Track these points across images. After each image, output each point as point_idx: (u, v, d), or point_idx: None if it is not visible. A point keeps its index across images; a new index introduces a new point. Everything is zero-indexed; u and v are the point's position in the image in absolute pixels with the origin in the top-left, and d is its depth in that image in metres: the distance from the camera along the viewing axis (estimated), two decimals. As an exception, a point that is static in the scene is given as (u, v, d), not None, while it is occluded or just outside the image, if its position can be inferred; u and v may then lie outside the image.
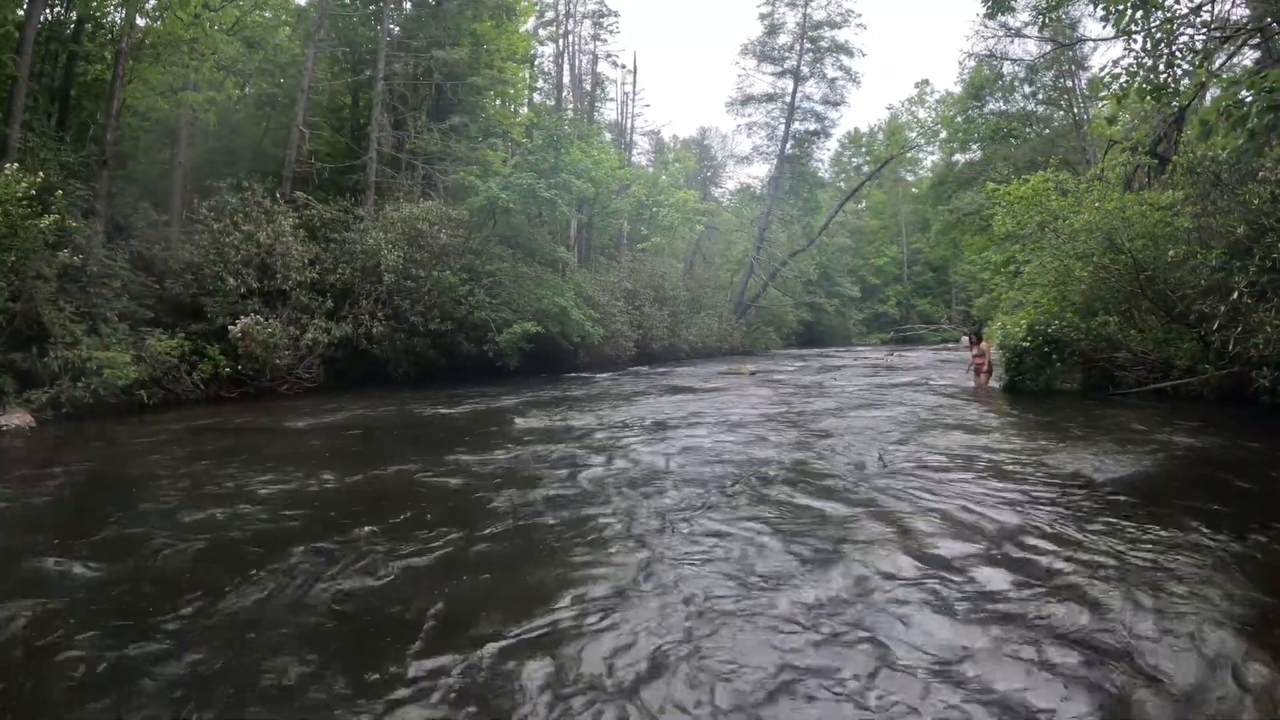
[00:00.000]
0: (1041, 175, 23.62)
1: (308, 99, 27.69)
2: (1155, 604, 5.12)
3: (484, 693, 4.13)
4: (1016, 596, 5.32)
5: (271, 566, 6.03)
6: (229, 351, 20.34)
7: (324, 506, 8.11)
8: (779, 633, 4.80)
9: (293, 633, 4.88)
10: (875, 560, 6.10)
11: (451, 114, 33.49)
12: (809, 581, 5.67)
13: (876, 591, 5.46)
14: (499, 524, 7.34)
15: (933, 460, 11.00)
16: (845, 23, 58.11)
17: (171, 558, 6.38)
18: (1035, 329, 19.73)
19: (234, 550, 6.57)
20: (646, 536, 6.96)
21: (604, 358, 35.33)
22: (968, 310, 49.51)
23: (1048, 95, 51.21)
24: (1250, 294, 13.93)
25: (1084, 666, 4.26)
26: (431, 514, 7.75)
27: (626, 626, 4.91)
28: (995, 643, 4.56)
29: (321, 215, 25.82)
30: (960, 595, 5.32)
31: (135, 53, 22.90)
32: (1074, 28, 40.45)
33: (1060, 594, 5.43)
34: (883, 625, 4.86)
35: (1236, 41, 16.13)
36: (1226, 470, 9.79)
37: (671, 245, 54.41)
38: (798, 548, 6.65)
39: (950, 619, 4.97)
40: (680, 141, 76.22)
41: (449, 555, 6.36)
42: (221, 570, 5.98)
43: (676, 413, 17.12)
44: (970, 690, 4.05)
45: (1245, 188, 15.36)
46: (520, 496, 8.61)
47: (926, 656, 4.41)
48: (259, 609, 5.24)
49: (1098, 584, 5.61)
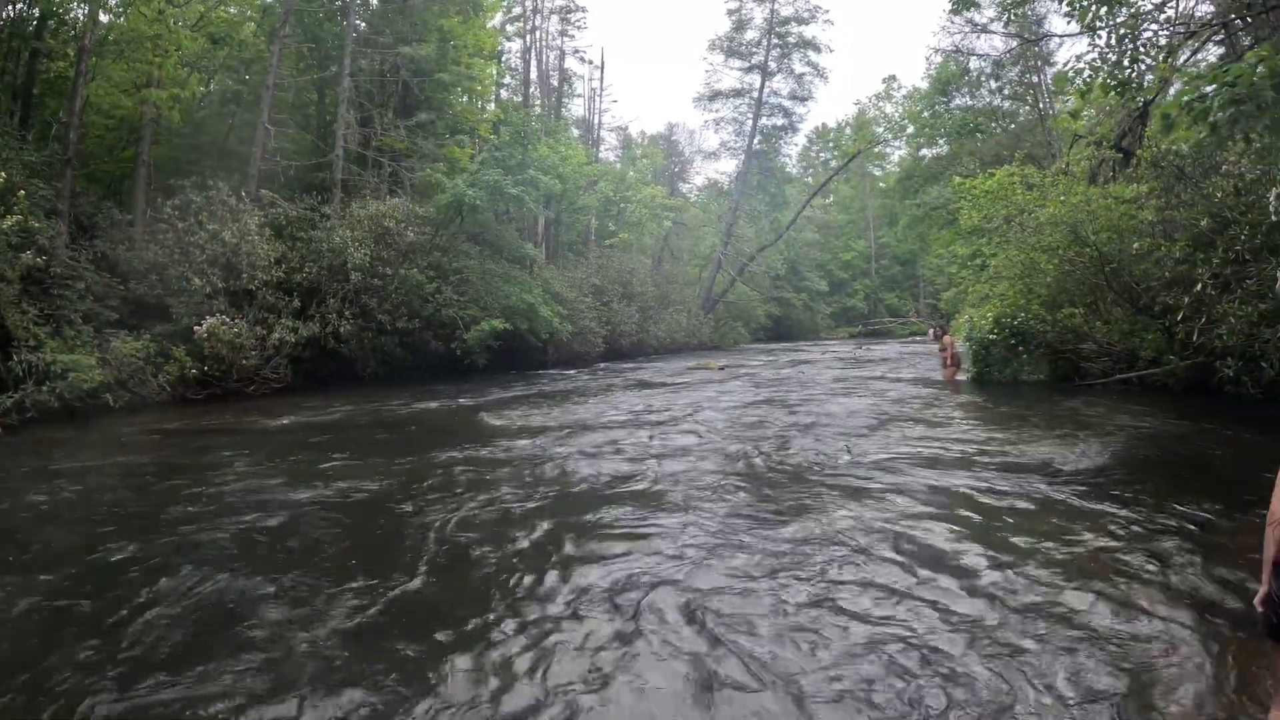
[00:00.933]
0: (1007, 169, 23.86)
1: (273, 96, 27.46)
2: (1071, 558, 5.31)
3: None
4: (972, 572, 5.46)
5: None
6: (195, 353, 20.16)
7: (283, 517, 8.10)
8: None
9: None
10: (832, 555, 6.22)
11: (418, 111, 33.39)
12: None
13: (834, 579, 5.57)
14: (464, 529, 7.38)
15: (899, 451, 11.18)
16: (813, 18, 58.48)
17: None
18: (1002, 321, 20.05)
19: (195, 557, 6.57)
20: (626, 525, 7.08)
21: (572, 354, 35.35)
22: (935, 304, 49.90)
23: (1014, 90, 51.54)
24: (1214, 286, 14.18)
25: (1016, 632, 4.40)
26: (378, 525, 7.79)
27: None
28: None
29: (287, 213, 25.62)
30: (907, 557, 5.45)
31: (98, 49, 22.72)
32: (1040, 24, 40.76)
33: (1015, 565, 5.64)
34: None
35: (1201, 37, 16.36)
36: (1189, 459, 10.05)
37: (639, 241, 54.47)
38: (764, 537, 6.79)
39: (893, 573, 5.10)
40: (648, 137, 76.32)
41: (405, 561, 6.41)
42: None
43: (644, 409, 17.23)
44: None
45: (1209, 181, 15.64)
46: (486, 499, 8.64)
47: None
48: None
49: (1047, 556, 5.83)
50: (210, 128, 29.12)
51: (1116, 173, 21.79)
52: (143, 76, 24.20)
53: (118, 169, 25.74)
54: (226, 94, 29.53)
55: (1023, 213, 21.49)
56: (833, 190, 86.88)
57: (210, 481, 9.83)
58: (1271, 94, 6.47)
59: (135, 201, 23.37)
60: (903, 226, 70.42)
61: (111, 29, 23.16)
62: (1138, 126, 19.83)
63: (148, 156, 24.08)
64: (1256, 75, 6.51)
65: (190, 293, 21.09)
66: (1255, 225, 13.09)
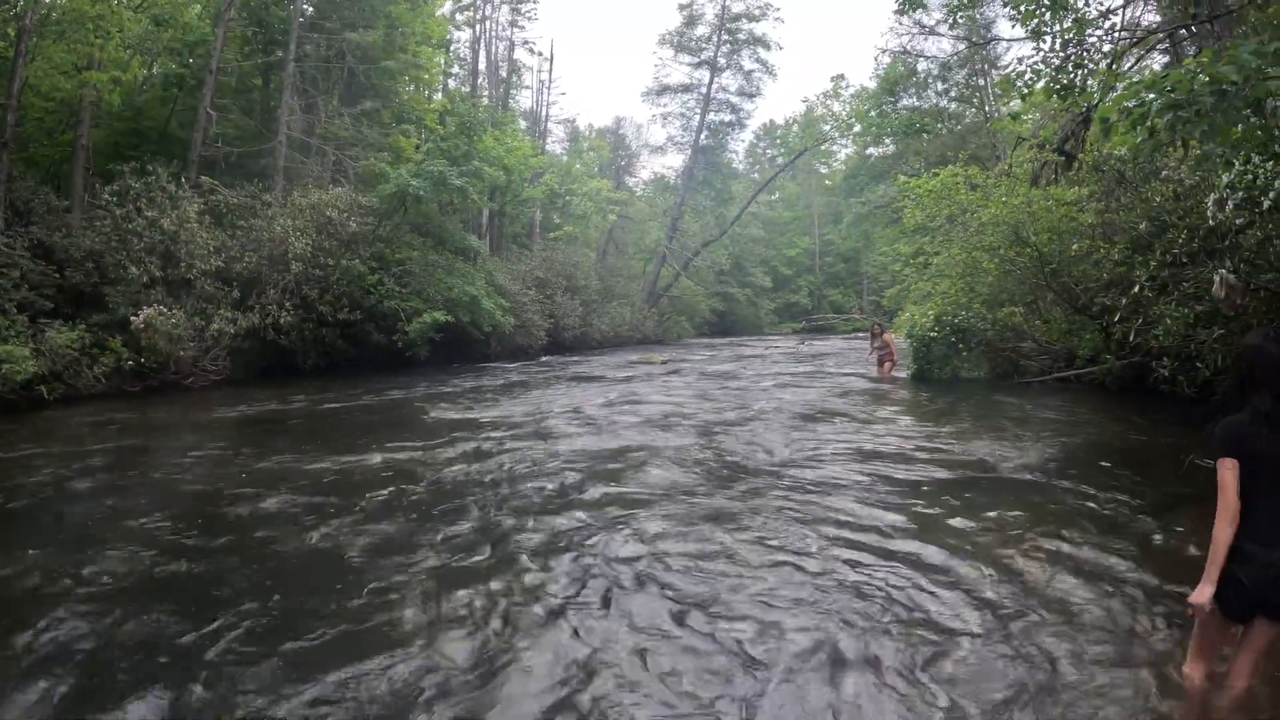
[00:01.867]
0: (951, 170, 24.18)
1: (216, 80, 27.11)
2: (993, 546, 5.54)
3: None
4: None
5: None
6: (132, 344, 19.89)
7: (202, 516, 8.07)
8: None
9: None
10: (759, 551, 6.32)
11: (363, 98, 33.17)
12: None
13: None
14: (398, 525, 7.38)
15: (836, 447, 11.40)
16: (764, 16, 58.62)
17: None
18: (943, 319, 20.38)
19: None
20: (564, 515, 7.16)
21: (515, 347, 35.29)
22: (879, 301, 50.33)
23: (961, 93, 52.05)
24: (1151, 288, 14.50)
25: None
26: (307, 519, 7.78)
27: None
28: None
29: (228, 201, 25.30)
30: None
31: (39, 29, 22.23)
32: (988, 28, 41.20)
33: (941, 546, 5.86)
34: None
35: (1147, 45, 16.66)
36: (1121, 455, 10.39)
37: (585, 234, 54.45)
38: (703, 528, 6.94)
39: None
40: (595, 130, 76.04)
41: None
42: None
43: (585, 403, 17.35)
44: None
45: (1148, 185, 16.02)
46: (418, 496, 8.76)
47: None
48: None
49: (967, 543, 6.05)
50: (151, 112, 28.62)
51: (1058, 176, 22.12)
52: (83, 58, 23.71)
53: (56, 153, 25.22)
54: (169, 77, 28.96)
55: (965, 213, 21.91)
56: (779, 187, 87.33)
57: (125, 479, 9.77)
58: (1210, 100, 6.63)
59: (73, 187, 22.90)
60: (847, 224, 71.26)
61: (53, 8, 22.67)
62: (1080, 131, 20.12)
63: (87, 140, 23.61)
64: (1196, 82, 6.67)
65: (127, 282, 20.80)
66: (1193, 229, 13.40)
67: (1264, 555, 3.61)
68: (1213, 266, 12.47)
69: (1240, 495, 3.64)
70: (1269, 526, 3.64)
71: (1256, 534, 3.63)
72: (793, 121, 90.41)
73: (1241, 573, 3.63)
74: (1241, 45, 6.85)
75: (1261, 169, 11.05)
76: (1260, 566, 3.61)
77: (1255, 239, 12.15)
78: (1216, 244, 13.04)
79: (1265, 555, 3.61)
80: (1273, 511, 3.64)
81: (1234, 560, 3.64)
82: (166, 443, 13.18)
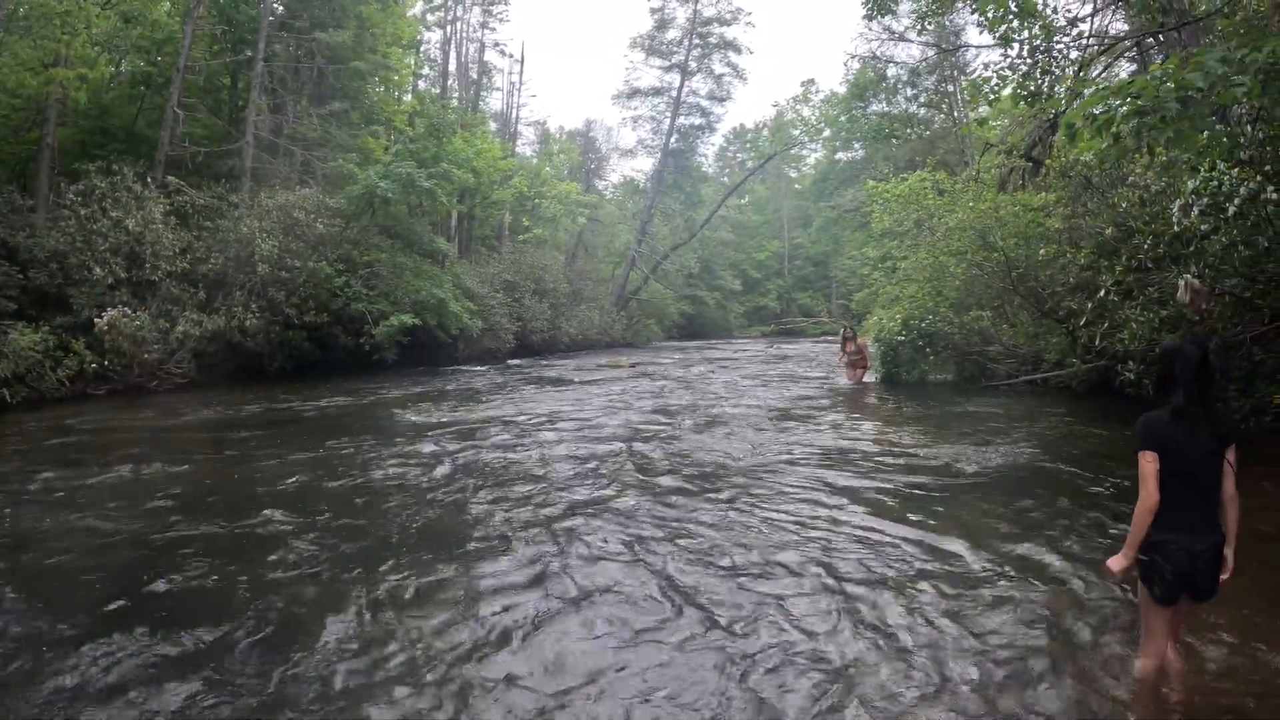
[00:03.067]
0: (920, 175, 24.29)
1: (184, 79, 26.89)
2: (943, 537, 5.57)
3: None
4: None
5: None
6: (96, 346, 19.69)
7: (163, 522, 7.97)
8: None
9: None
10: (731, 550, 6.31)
11: (333, 99, 32.94)
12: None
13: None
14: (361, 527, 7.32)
15: (803, 450, 11.41)
16: (735, 20, 58.76)
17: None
18: (910, 323, 20.45)
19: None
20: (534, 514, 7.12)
21: (483, 350, 35.19)
22: (847, 304, 50.56)
23: (930, 99, 52.36)
24: (1116, 292, 14.59)
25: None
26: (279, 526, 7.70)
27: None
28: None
29: (194, 201, 25.10)
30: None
31: (5, 25, 21.96)
32: (958, 34, 41.47)
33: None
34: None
35: (1115, 52, 16.80)
36: (1085, 456, 10.50)
37: (554, 237, 54.26)
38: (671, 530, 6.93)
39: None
40: (565, 133, 76.00)
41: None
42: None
43: (552, 408, 17.33)
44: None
45: (1115, 191, 16.12)
46: (384, 504, 8.66)
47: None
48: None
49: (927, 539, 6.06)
50: (118, 110, 28.32)
51: (1026, 181, 22.34)
52: (50, 55, 23.42)
53: (21, 151, 24.88)
54: (137, 75, 28.70)
55: (933, 217, 22.02)
56: (748, 191, 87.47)
57: (76, 487, 9.65)
58: (1176, 107, 6.68)
59: (38, 186, 22.65)
60: (817, 228, 71.51)
61: (20, 4, 22.39)
62: (1048, 137, 20.36)
63: (53, 139, 23.36)
64: (1162, 89, 6.71)
65: (92, 283, 20.60)
66: (1158, 235, 13.49)
67: (1181, 543, 4.04)
68: (1177, 271, 12.58)
69: (1160, 490, 4.02)
70: (1187, 519, 4.06)
71: (1176, 526, 4.06)
72: (763, 126, 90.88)
73: (1167, 564, 4.06)
74: (1208, 52, 6.90)
75: (1226, 175, 11.16)
76: (1180, 555, 4.04)
77: (1220, 244, 12.26)
78: (1181, 249, 13.14)
79: (1183, 543, 4.04)
80: (1189, 505, 4.07)
81: (1160, 553, 4.07)
82: (122, 449, 12.94)
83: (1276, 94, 7.10)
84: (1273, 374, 12.06)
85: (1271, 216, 11.35)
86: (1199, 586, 4.12)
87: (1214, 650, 4.91)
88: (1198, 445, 4.04)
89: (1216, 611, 5.21)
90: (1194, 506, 4.09)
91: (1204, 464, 4.07)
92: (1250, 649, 4.89)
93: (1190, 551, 4.04)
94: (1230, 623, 5.21)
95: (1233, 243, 12.15)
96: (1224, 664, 4.74)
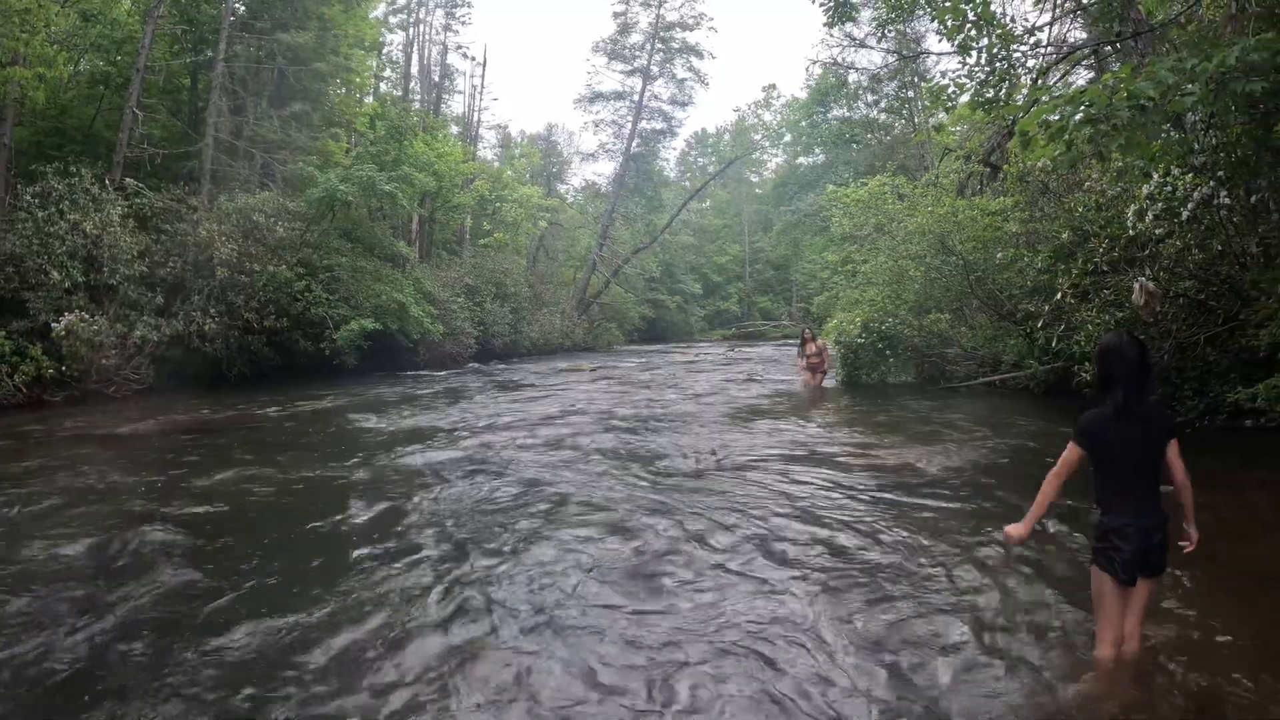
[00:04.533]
0: (880, 180, 24.51)
1: (143, 79, 26.61)
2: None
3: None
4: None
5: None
6: (53, 351, 19.42)
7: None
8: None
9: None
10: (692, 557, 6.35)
11: (293, 101, 32.72)
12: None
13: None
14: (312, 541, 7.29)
15: (763, 453, 11.48)
16: (697, 25, 58.97)
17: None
18: (870, 326, 20.59)
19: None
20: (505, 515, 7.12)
21: (444, 355, 35.02)
22: (807, 308, 50.82)
23: (890, 104, 52.82)
24: (1073, 295, 14.80)
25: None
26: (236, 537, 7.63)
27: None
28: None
29: (153, 204, 24.85)
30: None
31: (-38, 23, 21.69)
32: (919, 41, 41.84)
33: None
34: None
35: (1073, 61, 17.01)
36: (1042, 456, 10.63)
37: (515, 241, 54.18)
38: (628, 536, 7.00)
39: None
40: (527, 137, 75.93)
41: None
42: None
43: (512, 412, 17.30)
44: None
45: (1071, 196, 16.34)
46: (344, 514, 8.64)
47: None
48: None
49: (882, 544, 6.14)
50: (77, 111, 27.97)
51: (984, 186, 22.59)
52: (8, 53, 23.09)
53: (-24, 152, 24.57)
54: (96, 75, 28.38)
55: (893, 221, 22.21)
56: (710, 195, 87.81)
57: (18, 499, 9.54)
58: (1127, 114, 6.80)
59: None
60: (777, 232, 71.81)
61: (-22, 1, 22.10)
62: (1005, 142, 20.59)
63: (9, 139, 23.02)
64: (1115, 97, 6.84)
65: (49, 287, 20.31)
66: (1114, 239, 13.69)
67: (1137, 525, 4.32)
68: (1132, 275, 12.80)
69: (1110, 478, 4.40)
70: (1138, 504, 4.35)
71: (1126, 511, 4.37)
72: (724, 130, 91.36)
73: (1125, 545, 4.33)
74: (1159, 61, 7.03)
75: (1181, 181, 11.37)
76: (1137, 536, 4.31)
77: (1174, 248, 12.50)
78: (1136, 253, 13.37)
79: (1138, 525, 4.32)
80: (1137, 492, 4.36)
81: (1119, 537, 4.35)
82: (71, 459, 12.78)
83: (1226, 102, 7.25)
84: (1226, 374, 12.30)
85: (1224, 221, 11.58)
86: (1152, 561, 4.38)
87: (1167, 635, 5.11)
88: (1140, 438, 4.35)
89: (1169, 600, 5.45)
90: (1142, 493, 4.37)
91: (1146, 454, 4.39)
92: (1204, 633, 5.13)
93: (1145, 530, 4.31)
94: (1182, 611, 5.41)
95: (1187, 246, 12.40)
96: (1178, 648, 4.94)
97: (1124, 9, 13.49)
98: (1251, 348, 11.34)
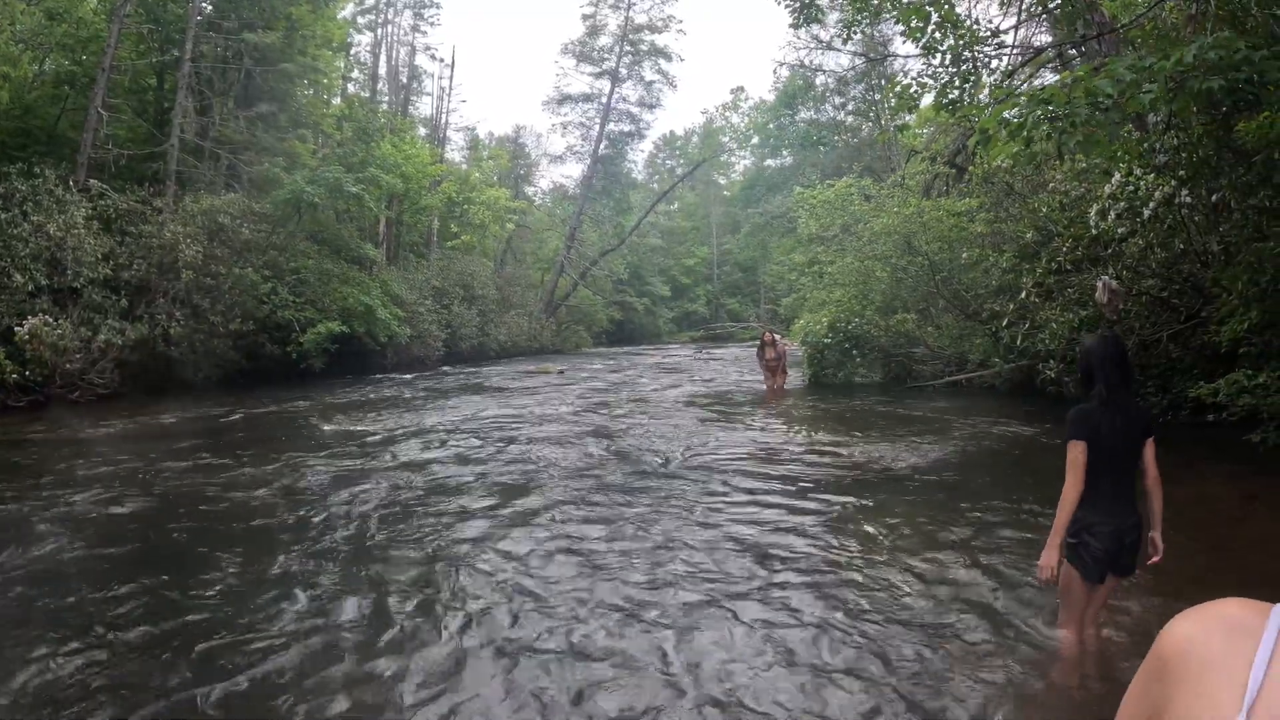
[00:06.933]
0: (846, 181, 24.68)
1: (109, 78, 26.35)
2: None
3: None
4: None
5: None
6: (15, 355, 19.17)
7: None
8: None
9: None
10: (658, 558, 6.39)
11: (260, 102, 32.46)
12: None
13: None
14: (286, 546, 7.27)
15: (728, 452, 11.55)
16: (666, 27, 59.15)
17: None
18: (837, 326, 20.71)
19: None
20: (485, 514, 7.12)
21: (411, 358, 35.01)
22: (775, 309, 51.00)
23: (857, 107, 53.06)
24: (1037, 294, 15.01)
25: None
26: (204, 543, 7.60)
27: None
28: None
29: (117, 206, 24.54)
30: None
31: (-75, 21, 21.46)
32: (885, 44, 42.06)
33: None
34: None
35: (1038, 63, 17.19)
36: (1007, 452, 10.77)
37: (483, 243, 54.01)
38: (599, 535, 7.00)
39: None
40: (495, 139, 75.64)
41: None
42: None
43: (481, 414, 17.30)
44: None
45: (1035, 197, 16.55)
46: (311, 518, 8.62)
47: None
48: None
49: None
50: (41, 111, 27.58)
51: (950, 187, 22.78)
52: (-29, 54, 22.95)
53: (-61, 154, 24.27)
54: (61, 75, 28.07)
55: (859, 223, 22.36)
56: (677, 197, 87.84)
57: None
58: (1086, 112, 6.88)
59: (-44, 190, 22.09)
60: (745, 234, 72.14)
61: (-58, 1, 21.86)
62: (971, 144, 20.76)
63: (-27, 140, 22.83)
64: (1072, 94, 6.93)
65: (11, 290, 20.05)
66: (1077, 238, 13.89)
67: (1110, 525, 4.43)
68: (1096, 273, 12.97)
69: (1090, 472, 4.41)
70: (1111, 502, 4.46)
71: (1098, 508, 4.44)
72: (692, 133, 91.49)
73: (1095, 543, 4.44)
74: (1118, 60, 7.13)
75: (1143, 180, 11.52)
76: (1108, 536, 4.42)
77: (1137, 247, 12.67)
78: (1100, 252, 13.56)
79: (1111, 525, 4.43)
80: (1113, 492, 4.46)
81: (1088, 534, 4.46)
82: (38, 465, 12.67)
83: (1186, 101, 7.36)
84: (1189, 370, 12.47)
85: (1186, 220, 11.75)
86: (1122, 563, 4.52)
87: (1130, 625, 5.27)
88: (1121, 436, 4.42)
89: (1132, 594, 5.62)
90: (1117, 492, 4.47)
91: (1125, 453, 4.48)
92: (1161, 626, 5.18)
93: (1118, 531, 4.43)
94: (1144, 604, 5.57)
95: (1149, 245, 12.58)
96: (1139, 639, 4.96)
97: (1088, 11, 13.64)
98: (1213, 344, 11.51)
